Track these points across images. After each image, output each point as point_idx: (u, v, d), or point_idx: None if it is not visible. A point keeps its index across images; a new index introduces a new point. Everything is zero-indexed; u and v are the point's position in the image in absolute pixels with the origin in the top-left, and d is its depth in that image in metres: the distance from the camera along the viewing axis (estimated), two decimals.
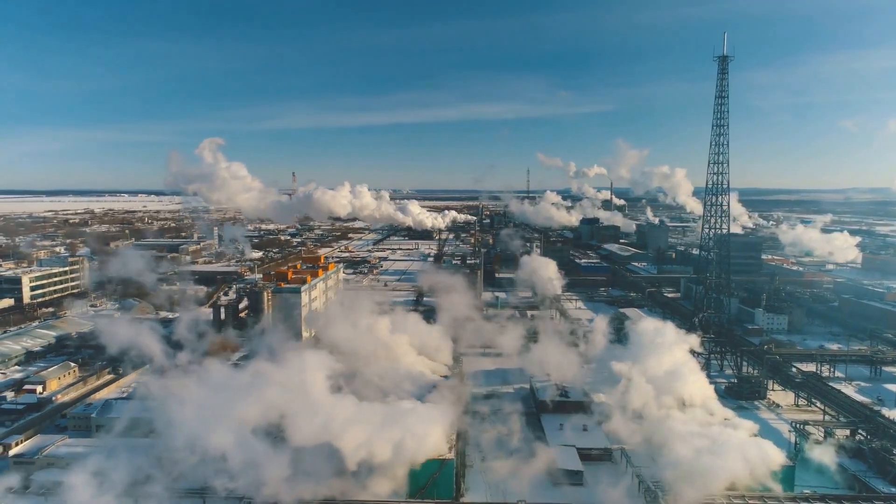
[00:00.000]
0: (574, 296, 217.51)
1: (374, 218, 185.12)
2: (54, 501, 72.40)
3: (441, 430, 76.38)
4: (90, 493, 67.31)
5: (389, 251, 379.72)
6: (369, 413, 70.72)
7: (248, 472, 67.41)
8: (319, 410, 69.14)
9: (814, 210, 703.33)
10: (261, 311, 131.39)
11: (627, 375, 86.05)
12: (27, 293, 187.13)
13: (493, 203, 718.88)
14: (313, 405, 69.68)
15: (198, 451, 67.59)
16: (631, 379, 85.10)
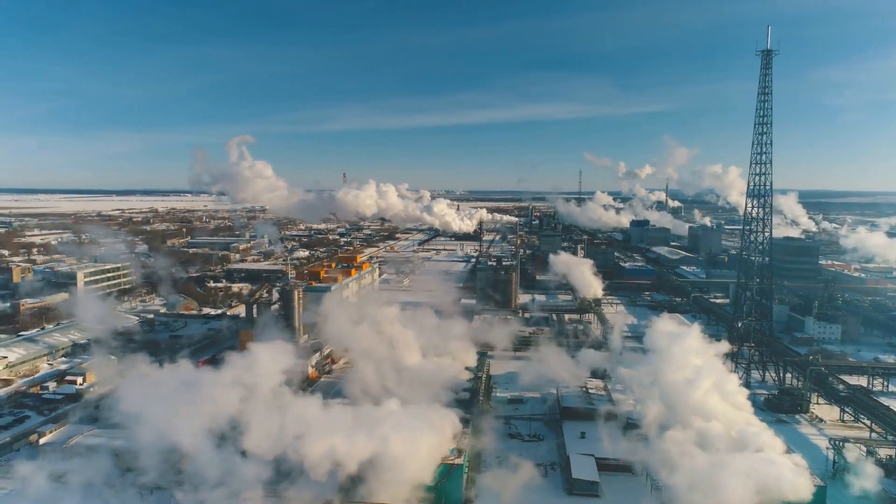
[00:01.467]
0: (616, 299, 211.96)
1: (401, 218, 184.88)
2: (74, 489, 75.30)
3: (443, 435, 74.73)
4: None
5: (434, 251, 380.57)
6: (339, 418, 69.80)
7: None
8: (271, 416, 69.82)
9: (891, 213, 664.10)
10: (291, 310, 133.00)
11: (639, 384, 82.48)
12: (81, 287, 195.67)
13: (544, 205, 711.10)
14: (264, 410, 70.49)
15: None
16: (643, 388, 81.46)
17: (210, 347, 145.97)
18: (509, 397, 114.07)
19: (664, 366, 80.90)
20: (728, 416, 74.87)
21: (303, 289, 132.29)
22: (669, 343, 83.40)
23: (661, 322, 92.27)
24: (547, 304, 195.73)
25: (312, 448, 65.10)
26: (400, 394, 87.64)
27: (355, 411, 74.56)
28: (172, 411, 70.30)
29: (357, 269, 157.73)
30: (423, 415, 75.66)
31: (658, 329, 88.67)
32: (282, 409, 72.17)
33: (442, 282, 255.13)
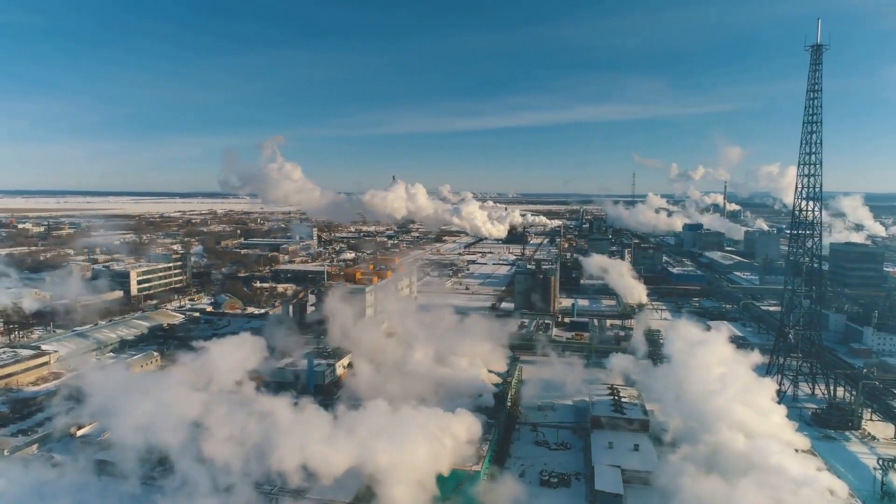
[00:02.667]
0: (662, 305, 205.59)
1: (432, 221, 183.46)
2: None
3: (456, 440, 73.23)
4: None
5: (479, 254, 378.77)
6: (315, 423, 69.00)
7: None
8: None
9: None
10: (328, 310, 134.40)
11: (662, 393, 78.90)
12: (134, 286, 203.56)
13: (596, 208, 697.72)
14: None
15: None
16: (666, 398, 77.87)
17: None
18: (539, 404, 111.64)
19: (684, 374, 77.16)
20: (755, 430, 70.45)
21: (338, 290, 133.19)
22: (690, 350, 79.51)
23: (683, 327, 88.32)
24: (588, 310, 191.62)
25: (282, 455, 64.69)
26: (421, 397, 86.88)
27: (345, 416, 73.40)
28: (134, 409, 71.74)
29: (394, 272, 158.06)
30: (430, 419, 74.03)
31: (679, 335, 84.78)
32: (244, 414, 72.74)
33: (483, 285, 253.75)
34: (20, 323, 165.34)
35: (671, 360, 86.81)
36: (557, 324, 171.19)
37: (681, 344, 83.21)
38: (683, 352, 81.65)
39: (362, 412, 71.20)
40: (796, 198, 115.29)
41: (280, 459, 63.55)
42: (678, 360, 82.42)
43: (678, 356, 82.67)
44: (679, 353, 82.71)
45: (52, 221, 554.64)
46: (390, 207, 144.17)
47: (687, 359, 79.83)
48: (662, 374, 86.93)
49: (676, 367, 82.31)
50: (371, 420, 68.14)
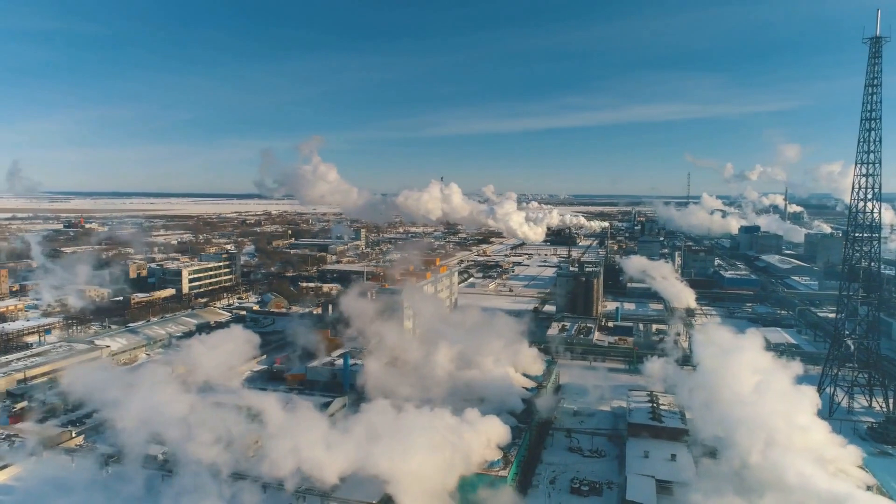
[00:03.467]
0: (712, 310, 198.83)
1: (469, 222, 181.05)
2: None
3: (475, 444, 71.90)
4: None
5: (526, 256, 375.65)
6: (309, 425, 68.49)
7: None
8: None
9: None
10: (366, 311, 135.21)
11: (688, 402, 75.60)
12: (186, 284, 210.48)
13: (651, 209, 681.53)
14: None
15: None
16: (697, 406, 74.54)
17: (290, 345, 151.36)
18: (576, 409, 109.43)
19: (711, 382, 73.75)
20: (791, 443, 66.54)
21: (375, 290, 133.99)
22: (717, 356, 75.91)
23: (711, 332, 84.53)
24: (634, 314, 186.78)
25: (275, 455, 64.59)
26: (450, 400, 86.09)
27: (348, 418, 72.97)
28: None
29: (433, 273, 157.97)
30: (443, 422, 72.80)
31: (705, 339, 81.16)
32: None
33: (527, 287, 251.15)
34: (79, 318, 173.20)
35: (699, 366, 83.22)
36: (600, 328, 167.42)
37: (708, 349, 79.55)
38: (710, 358, 78.08)
39: (366, 413, 70.59)
40: (854, 198, 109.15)
41: (273, 462, 63.69)
42: (705, 367, 78.91)
43: (706, 363, 79.16)
44: (706, 360, 79.17)
45: (116, 222, 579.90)
46: (424, 208, 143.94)
47: (714, 365, 76.29)
48: (690, 382, 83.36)
49: (703, 374, 78.84)
50: (376, 422, 67.46)
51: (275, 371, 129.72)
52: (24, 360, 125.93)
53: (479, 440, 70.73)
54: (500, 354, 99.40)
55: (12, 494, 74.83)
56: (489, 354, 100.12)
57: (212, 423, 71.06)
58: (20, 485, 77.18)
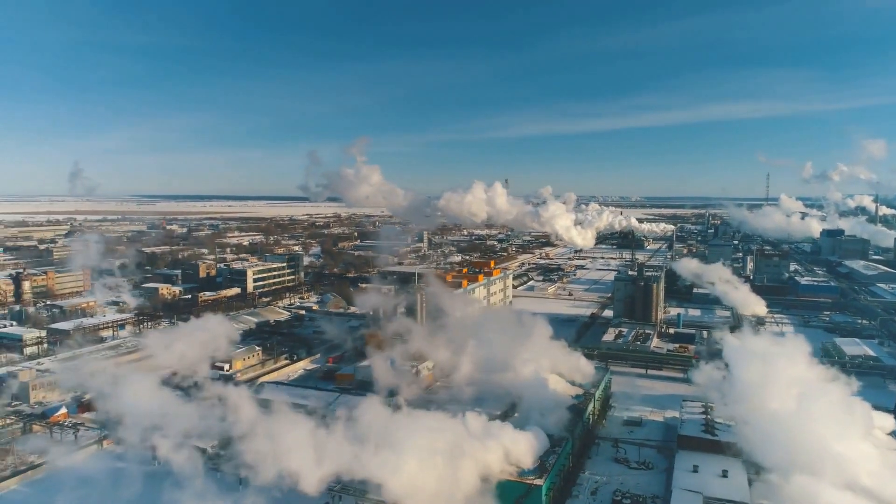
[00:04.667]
0: (785, 318, 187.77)
1: (516, 224, 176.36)
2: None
3: (503, 452, 70.04)
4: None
5: (590, 259, 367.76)
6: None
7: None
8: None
9: None
10: (415, 312, 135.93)
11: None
12: (250, 284, 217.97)
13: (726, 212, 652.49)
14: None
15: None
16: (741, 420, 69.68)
17: (344, 345, 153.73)
18: (626, 418, 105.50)
19: (744, 393, 68.89)
20: (837, 467, 61.14)
21: (424, 293, 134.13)
22: (750, 364, 70.79)
23: (744, 337, 79.07)
24: (699, 321, 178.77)
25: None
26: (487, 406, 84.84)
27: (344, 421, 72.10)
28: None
29: (485, 276, 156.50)
30: (464, 427, 71.30)
31: (737, 346, 75.94)
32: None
33: (588, 291, 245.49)
34: (150, 315, 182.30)
35: (732, 376, 78.21)
36: (660, 334, 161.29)
37: (741, 357, 74.61)
38: (743, 367, 73.19)
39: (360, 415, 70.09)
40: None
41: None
42: (739, 378, 74.00)
43: (739, 372, 74.26)
44: (739, 369, 74.27)
45: (194, 223, 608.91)
46: (468, 210, 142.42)
47: (748, 376, 71.42)
48: (727, 393, 78.44)
49: (737, 385, 74.01)
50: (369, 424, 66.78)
51: (326, 370, 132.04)
52: (95, 354, 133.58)
53: (495, 448, 68.58)
54: (541, 360, 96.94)
55: (65, 484, 78.80)
56: (530, 360, 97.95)
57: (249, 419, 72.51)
58: (76, 473, 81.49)
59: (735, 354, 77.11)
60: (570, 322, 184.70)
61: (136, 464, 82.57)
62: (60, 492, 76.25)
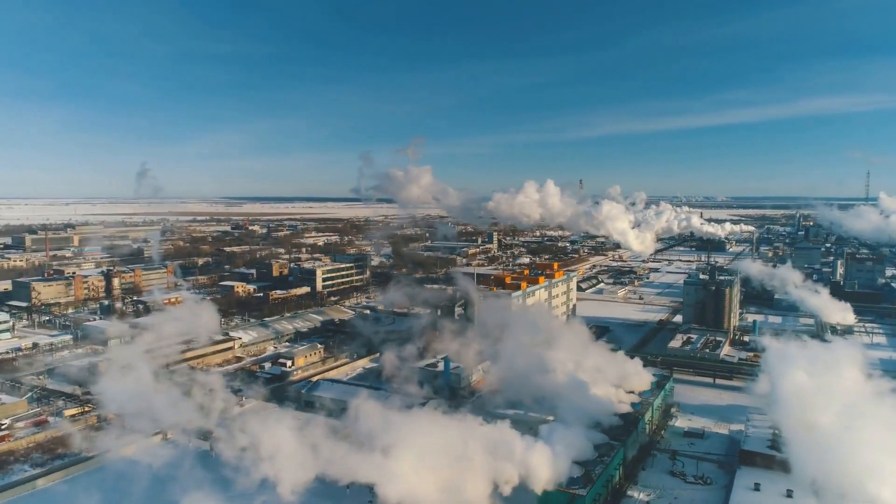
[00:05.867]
0: (876, 327, 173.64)
1: (572, 226, 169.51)
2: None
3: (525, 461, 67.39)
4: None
5: (666, 262, 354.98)
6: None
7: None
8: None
9: None
10: (470, 315, 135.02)
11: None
12: (319, 283, 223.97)
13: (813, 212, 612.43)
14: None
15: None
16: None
17: (405, 344, 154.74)
18: (686, 429, 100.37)
19: (789, 408, 63.21)
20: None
21: (483, 295, 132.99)
22: (793, 377, 64.82)
23: (785, 347, 72.59)
24: (779, 328, 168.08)
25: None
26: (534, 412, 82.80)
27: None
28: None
29: (547, 278, 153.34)
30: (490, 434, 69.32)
31: (779, 356, 69.81)
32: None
33: (660, 296, 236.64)
34: (222, 312, 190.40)
35: (774, 389, 72.28)
36: (733, 342, 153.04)
37: (783, 368, 68.74)
38: (786, 379, 67.43)
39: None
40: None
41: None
42: (783, 390, 68.27)
43: (781, 385, 68.51)
44: (781, 381, 68.51)
45: (275, 224, 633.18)
46: (519, 211, 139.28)
47: (791, 388, 65.76)
48: (774, 407, 72.64)
49: (779, 396, 68.35)
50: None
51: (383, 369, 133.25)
52: (170, 348, 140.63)
53: (508, 459, 66.31)
54: (593, 366, 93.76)
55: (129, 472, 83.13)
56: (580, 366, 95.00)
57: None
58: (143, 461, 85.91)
59: (776, 364, 71.59)
60: (637, 327, 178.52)
61: (193, 454, 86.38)
62: (120, 481, 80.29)
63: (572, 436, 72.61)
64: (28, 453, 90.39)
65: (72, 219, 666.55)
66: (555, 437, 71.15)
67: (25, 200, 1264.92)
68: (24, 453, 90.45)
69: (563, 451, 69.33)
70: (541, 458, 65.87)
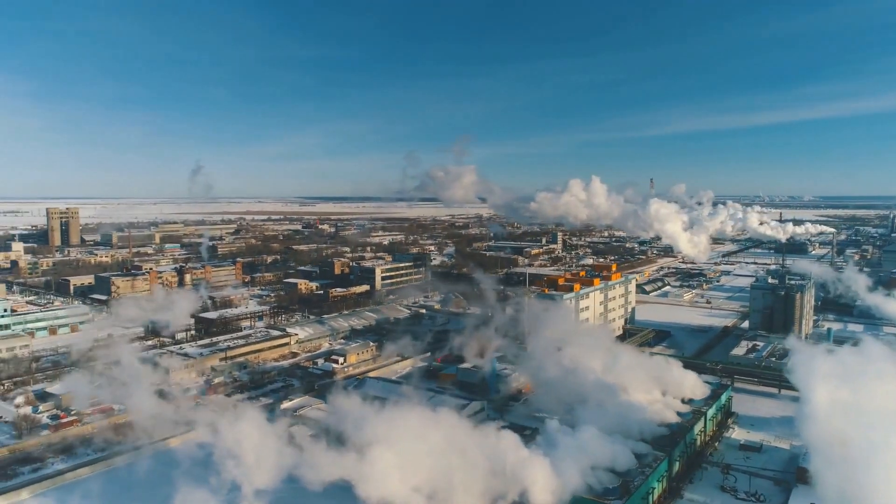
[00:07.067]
0: None
1: (622, 226, 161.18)
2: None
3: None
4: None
5: (740, 264, 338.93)
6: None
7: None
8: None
9: None
10: (519, 317, 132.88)
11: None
12: (378, 282, 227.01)
13: None
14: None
15: None
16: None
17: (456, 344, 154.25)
18: (743, 442, 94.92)
19: (820, 423, 57.79)
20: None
21: (533, 295, 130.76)
22: (823, 386, 59.12)
23: (812, 353, 66.46)
24: (856, 337, 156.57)
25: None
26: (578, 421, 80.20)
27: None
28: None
29: (602, 280, 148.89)
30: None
31: (807, 364, 63.98)
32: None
33: (730, 300, 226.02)
34: (284, 307, 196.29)
35: (804, 402, 66.43)
36: None
37: (811, 377, 63.04)
38: (816, 389, 61.80)
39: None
40: None
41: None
42: (814, 402, 62.61)
43: (811, 396, 62.86)
44: (810, 392, 62.86)
45: (344, 223, 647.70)
46: (564, 211, 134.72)
47: (821, 399, 60.22)
48: (803, 421, 66.88)
49: (811, 411, 62.76)
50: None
51: (432, 369, 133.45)
52: (230, 342, 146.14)
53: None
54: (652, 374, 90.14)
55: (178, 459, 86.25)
56: (637, 373, 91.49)
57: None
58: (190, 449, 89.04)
59: (803, 373, 66.43)
60: (701, 332, 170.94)
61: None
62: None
63: (597, 443, 69.84)
64: (92, 438, 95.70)
65: (157, 218, 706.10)
66: (572, 443, 68.66)
67: (118, 200, 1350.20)
68: (88, 438, 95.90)
69: (582, 458, 66.82)
70: (539, 468, 63.58)
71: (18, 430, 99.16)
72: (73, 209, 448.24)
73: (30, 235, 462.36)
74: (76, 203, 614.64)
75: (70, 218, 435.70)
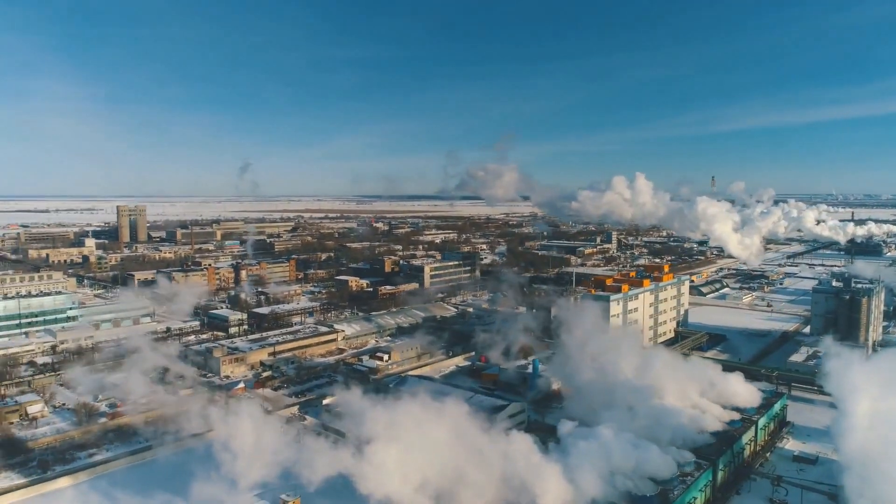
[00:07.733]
0: None
1: (669, 225, 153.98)
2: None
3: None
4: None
5: (806, 266, 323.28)
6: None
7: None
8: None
9: None
10: (564, 319, 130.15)
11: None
12: (427, 280, 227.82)
13: None
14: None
15: None
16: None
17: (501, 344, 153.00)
18: (797, 453, 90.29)
19: (856, 435, 53.53)
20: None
21: (580, 296, 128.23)
22: (861, 395, 54.69)
23: (849, 361, 61.74)
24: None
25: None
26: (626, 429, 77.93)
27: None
28: None
29: (654, 281, 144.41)
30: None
31: (843, 372, 59.31)
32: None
33: (792, 304, 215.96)
34: (334, 304, 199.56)
35: (841, 412, 61.81)
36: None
37: (848, 385, 58.52)
38: (853, 399, 57.34)
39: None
40: None
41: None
42: (851, 413, 58.18)
43: (845, 408, 58.41)
44: (847, 402, 58.38)
45: (397, 221, 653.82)
46: (607, 210, 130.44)
47: (859, 409, 55.85)
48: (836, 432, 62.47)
49: (847, 422, 58.32)
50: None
51: (475, 368, 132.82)
52: (279, 337, 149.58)
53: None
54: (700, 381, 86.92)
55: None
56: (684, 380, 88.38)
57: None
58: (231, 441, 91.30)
59: (839, 382, 62.29)
60: (759, 337, 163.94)
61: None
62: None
63: (630, 449, 67.65)
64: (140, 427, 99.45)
65: (220, 215, 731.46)
66: (599, 449, 66.69)
67: (186, 198, 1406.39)
68: (137, 427, 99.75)
69: (614, 464, 64.87)
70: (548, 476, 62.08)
71: (79, 418, 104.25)
72: (140, 207, 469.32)
73: (102, 232, 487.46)
74: (148, 201, 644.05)
75: (138, 215, 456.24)
